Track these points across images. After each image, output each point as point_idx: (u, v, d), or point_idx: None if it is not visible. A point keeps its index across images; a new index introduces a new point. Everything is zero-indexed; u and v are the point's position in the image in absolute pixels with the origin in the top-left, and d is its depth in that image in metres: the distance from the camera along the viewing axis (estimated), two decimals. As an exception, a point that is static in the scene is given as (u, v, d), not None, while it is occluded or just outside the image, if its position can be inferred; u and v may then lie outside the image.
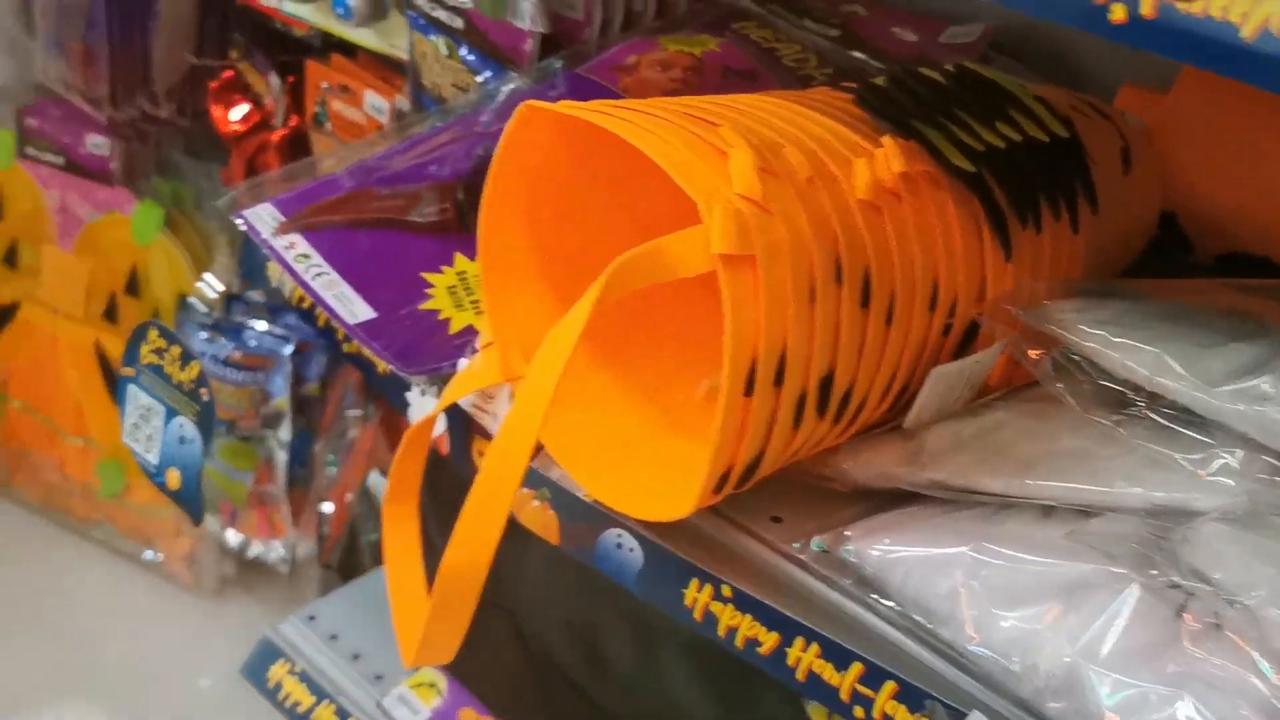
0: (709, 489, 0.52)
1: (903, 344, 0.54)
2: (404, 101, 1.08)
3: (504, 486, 0.49)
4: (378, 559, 1.11)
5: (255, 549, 1.47)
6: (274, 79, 1.23)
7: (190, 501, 0.70)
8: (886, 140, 0.53)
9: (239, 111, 1.29)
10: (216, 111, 1.30)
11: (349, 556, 1.13)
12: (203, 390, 0.67)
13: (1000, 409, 0.57)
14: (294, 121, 1.25)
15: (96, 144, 1.41)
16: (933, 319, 0.55)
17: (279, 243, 0.71)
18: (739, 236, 0.47)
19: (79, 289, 1.47)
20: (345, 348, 0.69)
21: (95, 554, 1.54)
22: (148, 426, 0.71)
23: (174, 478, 0.71)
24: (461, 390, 0.60)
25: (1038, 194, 0.58)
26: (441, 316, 0.68)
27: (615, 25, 0.96)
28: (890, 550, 0.52)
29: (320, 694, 0.86)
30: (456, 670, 0.88)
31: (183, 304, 1.36)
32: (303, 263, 0.70)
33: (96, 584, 1.51)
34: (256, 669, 0.89)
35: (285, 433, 1.35)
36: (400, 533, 0.61)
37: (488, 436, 0.62)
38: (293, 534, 1.42)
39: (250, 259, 0.78)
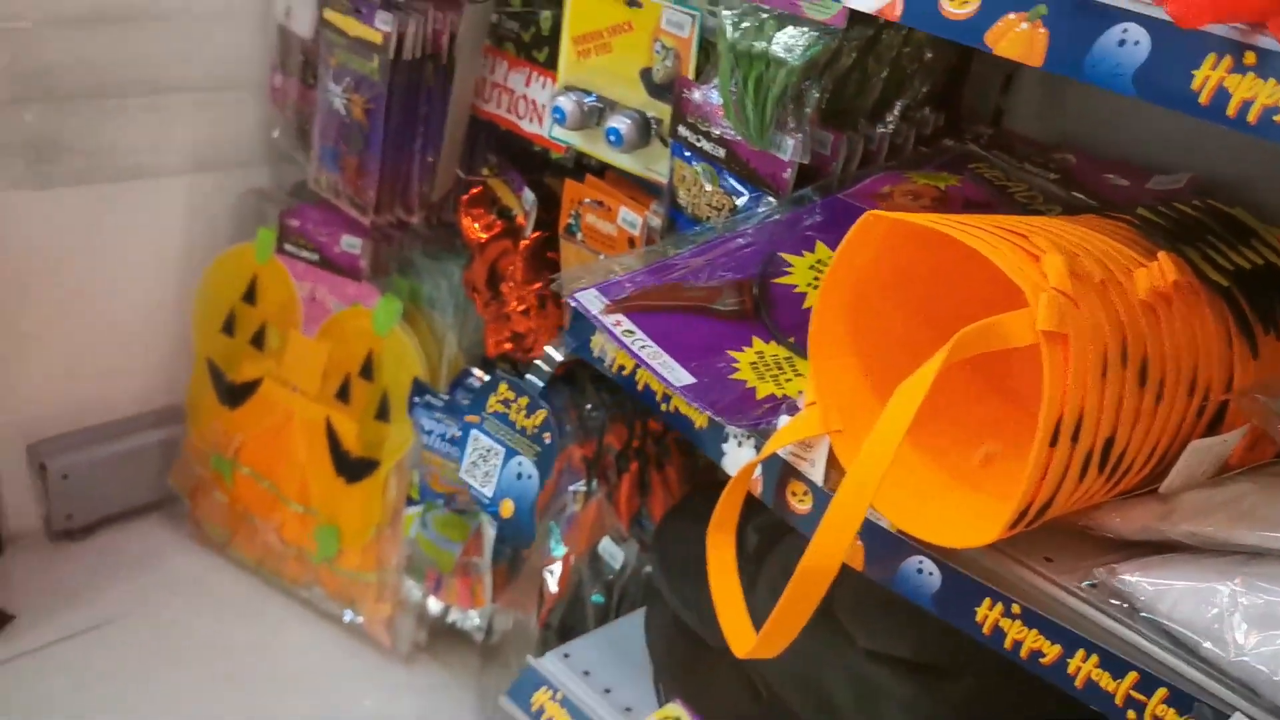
0: (1011, 521, 0.65)
1: (1167, 419, 0.67)
2: (655, 218, 1.25)
3: (859, 505, 0.63)
4: (600, 618, 1.24)
5: (454, 616, 1.60)
6: (527, 194, 1.41)
7: (522, 529, 0.84)
8: (1161, 255, 0.67)
9: (487, 222, 1.48)
10: (466, 221, 1.49)
11: (571, 615, 1.26)
12: (546, 434, 0.82)
13: (1243, 481, 0.69)
14: (536, 234, 1.43)
15: (350, 244, 1.60)
16: (1191, 401, 0.68)
17: (608, 320, 0.86)
18: (1059, 319, 0.61)
19: (317, 371, 1.64)
20: (663, 407, 0.83)
21: (301, 614, 1.67)
22: (486, 465, 0.86)
23: (508, 507, 0.86)
24: (785, 440, 0.74)
25: (1277, 307, 0.71)
26: (748, 385, 0.83)
27: (855, 162, 1.12)
28: (1159, 582, 0.64)
29: (580, 718, 0.99)
30: (699, 708, 0.99)
31: (416, 387, 1.52)
32: (629, 336, 0.85)
33: (300, 641, 1.63)
34: (521, 694, 1.01)
35: (494, 510, 1.49)
36: (721, 554, 0.75)
37: (804, 480, 0.76)
38: (491, 606, 1.55)
39: (577, 333, 0.93)
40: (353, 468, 1.62)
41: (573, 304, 0.88)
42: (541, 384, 0.94)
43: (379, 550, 1.62)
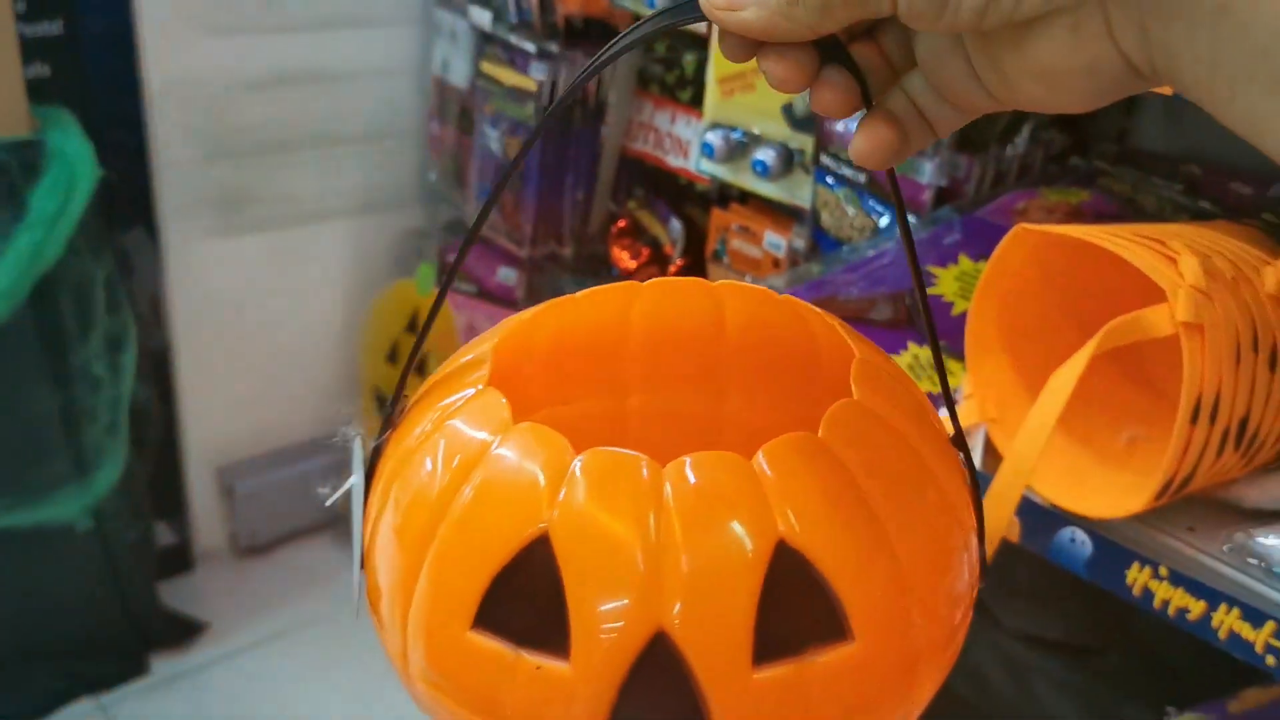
0: (1157, 493, 0.73)
1: (1296, 399, 0.75)
2: (798, 240, 1.35)
3: (1017, 483, 0.73)
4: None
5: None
6: (675, 223, 1.53)
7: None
8: (1286, 254, 0.76)
9: (634, 251, 1.60)
10: (616, 251, 1.62)
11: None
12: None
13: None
14: (682, 260, 1.55)
15: (505, 275, 1.74)
16: (1317, 384, 0.76)
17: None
18: (1195, 311, 0.70)
19: (474, 393, 1.78)
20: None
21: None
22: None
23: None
24: (946, 429, 0.83)
25: (1392, 297, 0.79)
26: (907, 384, 0.92)
27: (987, 182, 1.22)
28: (1294, 543, 0.72)
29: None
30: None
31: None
32: (796, 344, 0.95)
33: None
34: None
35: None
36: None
37: (963, 464, 0.85)
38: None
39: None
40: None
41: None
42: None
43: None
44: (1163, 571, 0.75)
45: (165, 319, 1.68)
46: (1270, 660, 0.71)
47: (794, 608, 0.41)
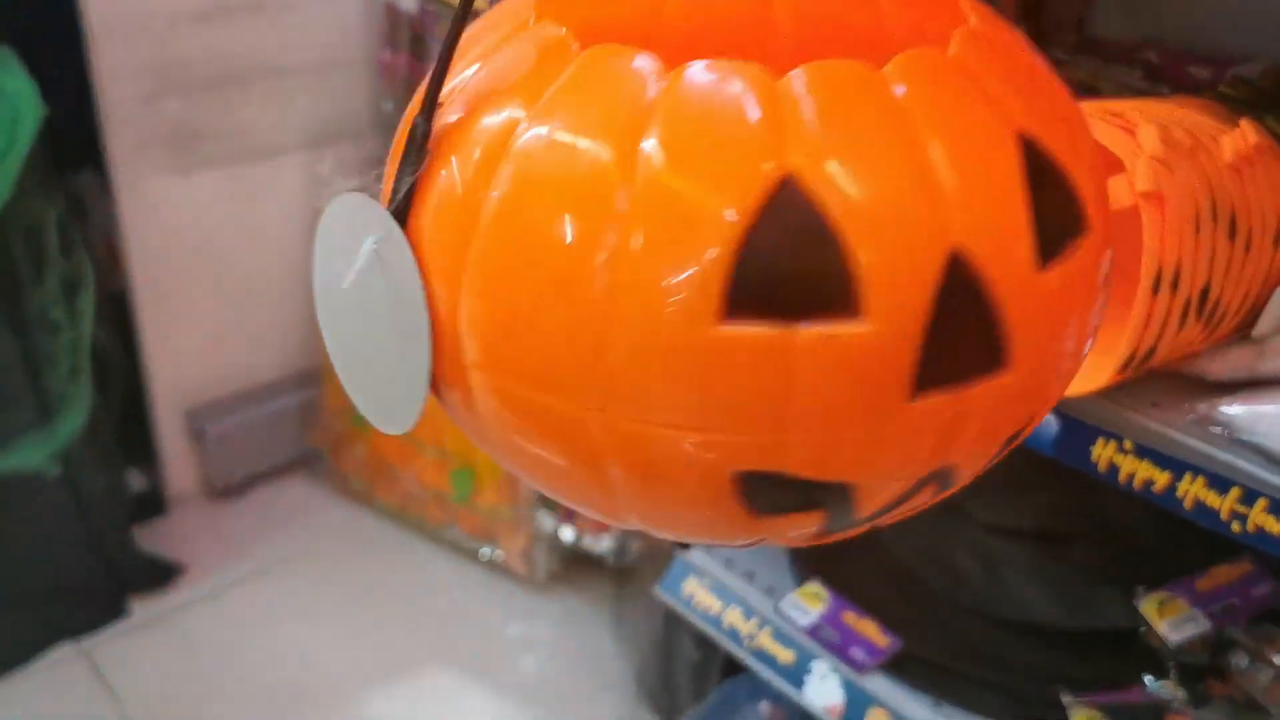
0: (1121, 366, 0.73)
1: (1256, 267, 0.75)
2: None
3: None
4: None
5: (586, 542, 1.71)
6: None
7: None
8: (1244, 122, 0.75)
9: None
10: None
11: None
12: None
13: (1329, 318, 0.77)
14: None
15: None
16: (1276, 252, 0.76)
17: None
18: (1154, 180, 0.70)
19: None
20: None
21: (443, 553, 1.80)
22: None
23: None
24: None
25: (1351, 163, 0.79)
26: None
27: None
28: (1255, 409, 0.72)
29: (728, 600, 1.09)
30: (835, 585, 1.09)
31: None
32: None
33: (443, 578, 1.75)
34: (673, 585, 1.12)
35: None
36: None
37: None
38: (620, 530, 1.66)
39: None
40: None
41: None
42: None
43: (512, 486, 1.73)
44: (1127, 445, 0.75)
45: (122, 262, 1.66)
46: (1235, 526, 0.71)
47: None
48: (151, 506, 1.79)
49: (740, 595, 1.10)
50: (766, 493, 0.42)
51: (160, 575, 1.68)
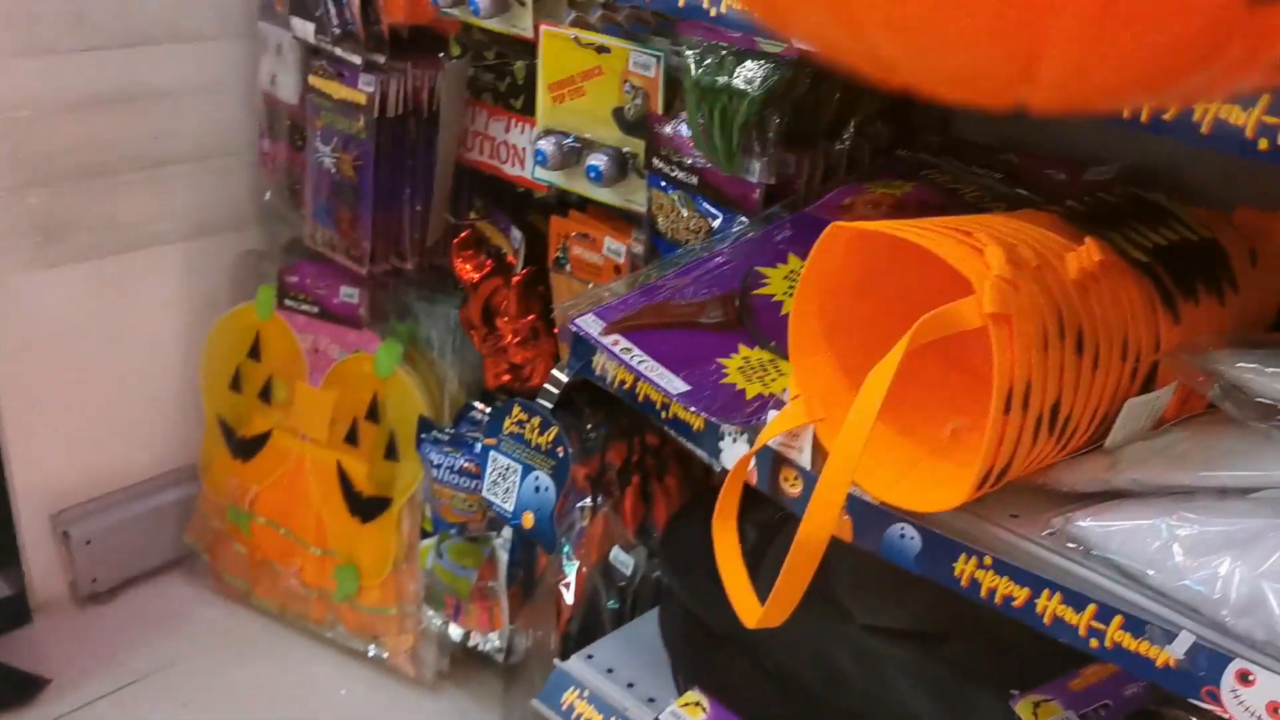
0: (975, 485, 0.74)
1: (1104, 382, 0.77)
2: (637, 245, 1.34)
3: (842, 480, 0.72)
4: (616, 621, 1.32)
5: (475, 640, 1.67)
6: (515, 232, 1.51)
7: (545, 536, 0.92)
8: (1088, 240, 0.77)
9: (477, 261, 1.57)
10: (458, 263, 1.58)
11: (588, 623, 1.34)
12: (559, 449, 0.91)
13: (1177, 431, 0.79)
14: (525, 269, 1.52)
15: (348, 294, 1.68)
16: (1124, 365, 0.78)
17: (607, 340, 0.95)
18: (1001, 302, 0.71)
19: (325, 418, 1.72)
20: (663, 415, 0.93)
21: (327, 653, 1.74)
22: (505, 482, 0.94)
23: (529, 519, 0.94)
24: (774, 431, 0.83)
25: (1194, 278, 0.81)
26: (738, 388, 0.92)
27: (818, 178, 1.22)
28: (1108, 524, 0.73)
29: (607, 712, 1.07)
30: (715, 694, 1.08)
31: (422, 424, 1.60)
32: (627, 353, 0.94)
33: (328, 679, 1.70)
34: (551, 696, 1.10)
35: (507, 532, 1.57)
36: (726, 540, 0.84)
37: (794, 466, 0.85)
38: (509, 627, 1.62)
39: (579, 355, 1.02)
40: (366, 507, 1.69)
41: (574, 329, 0.97)
42: (551, 405, 1.03)
43: (397, 584, 1.69)
44: (987, 561, 0.76)
45: (-15, 358, 1.59)
46: (1093, 643, 0.72)
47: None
48: (14, 615, 1.71)
49: (620, 707, 1.07)
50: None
51: (22, 690, 1.59)
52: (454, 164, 1.54)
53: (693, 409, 0.88)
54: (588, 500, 1.46)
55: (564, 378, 1.03)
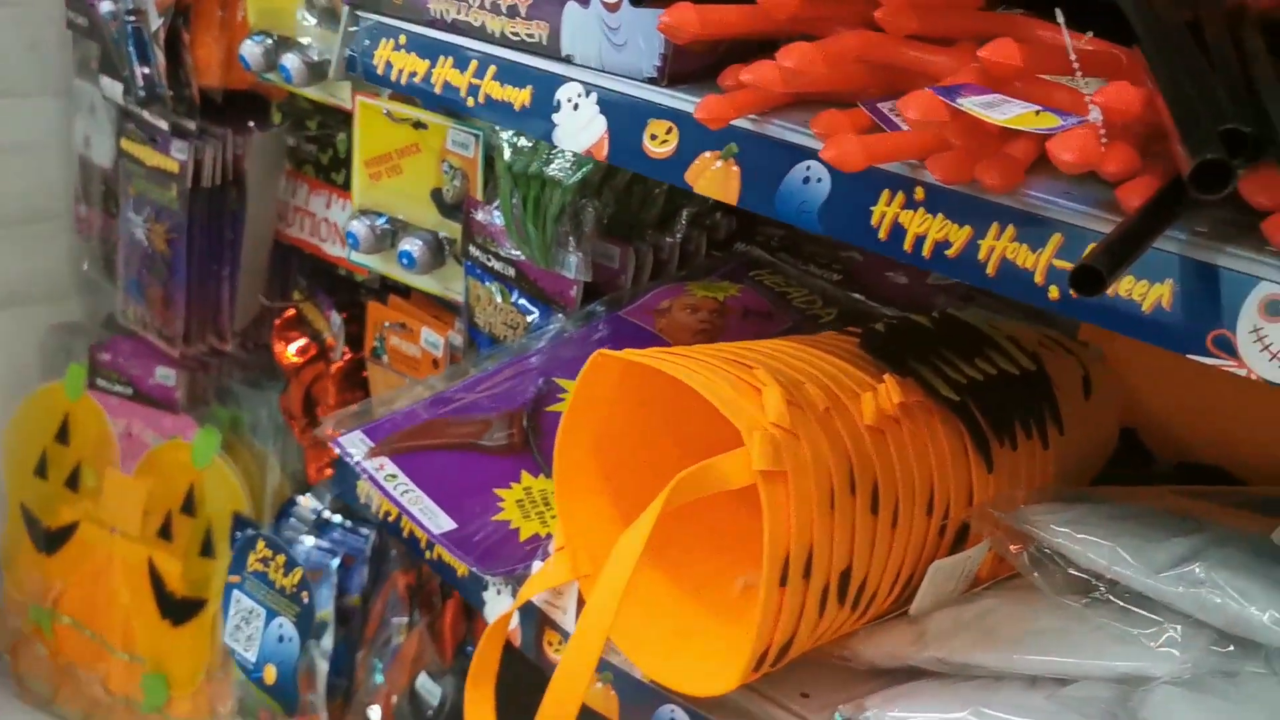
0: (749, 667, 0.62)
1: (906, 543, 0.66)
2: (457, 337, 1.22)
3: (587, 661, 0.60)
4: (424, 757, 1.18)
5: (292, 755, 1.53)
6: (335, 317, 1.38)
7: (285, 694, 0.79)
8: (887, 378, 0.67)
9: (299, 345, 1.44)
10: (279, 346, 1.45)
11: (395, 755, 1.20)
12: (304, 594, 0.78)
13: (990, 596, 0.68)
14: (348, 355, 1.40)
15: (164, 375, 1.55)
16: (930, 522, 0.67)
17: (370, 464, 0.83)
18: (774, 457, 0.60)
19: (137, 509, 1.57)
20: (428, 554, 0.80)
21: (134, 765, 1.59)
22: (248, 628, 0.81)
23: (271, 673, 0.81)
24: (537, 587, 0.71)
25: (1013, 419, 0.71)
26: (512, 526, 0.80)
27: (646, 272, 1.11)
28: (901, 716, 0.62)
29: None
30: None
31: (237, 521, 1.47)
32: (391, 481, 0.82)
33: (134, 795, 1.55)
34: None
35: (328, 642, 1.43)
36: (479, 709, 0.71)
37: (558, 629, 0.73)
38: (330, 742, 1.48)
39: (342, 479, 0.90)
40: (178, 609, 1.55)
41: (336, 449, 0.85)
42: (300, 536, 0.91)
43: (210, 695, 1.54)
44: (768, 753, 0.64)
45: None
46: None
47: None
48: None
49: None
50: None
51: None
52: (271, 240, 1.41)
53: (455, 553, 0.76)
54: (404, 616, 1.33)
55: (319, 505, 0.90)
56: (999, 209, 0.52)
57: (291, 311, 1.46)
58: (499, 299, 1.13)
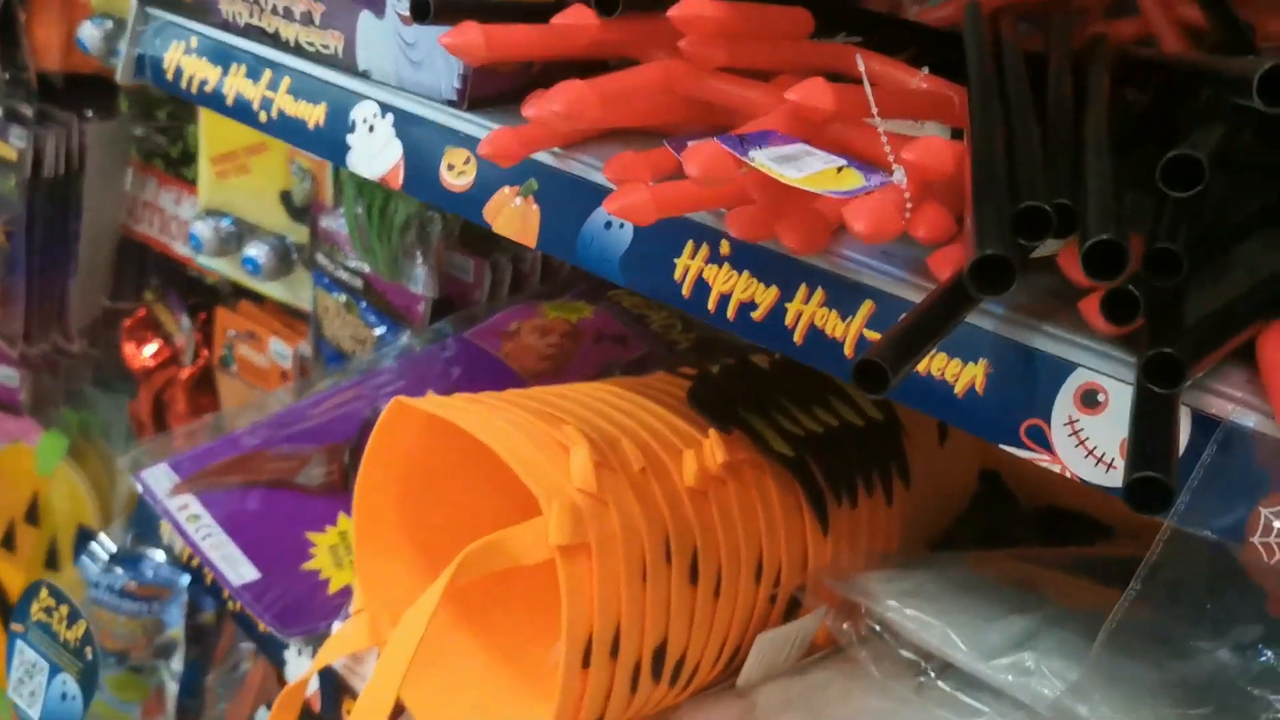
0: (552, 753, 0.57)
1: (731, 614, 0.61)
2: (307, 348, 1.15)
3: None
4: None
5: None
6: (185, 320, 1.30)
7: (70, 759, 0.72)
8: (711, 434, 0.61)
9: (150, 349, 1.35)
10: (129, 348, 1.36)
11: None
12: (88, 649, 0.71)
13: (823, 669, 0.63)
14: (202, 359, 1.31)
15: (6, 375, 1.44)
16: (759, 590, 0.62)
17: (173, 503, 0.76)
18: (574, 528, 0.54)
19: (-25, 517, 1.48)
20: (230, 605, 0.73)
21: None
22: (32, 682, 0.74)
23: (56, 733, 0.74)
24: (333, 654, 0.65)
25: (854, 474, 0.66)
26: (322, 576, 0.73)
27: (504, 286, 1.05)
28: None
29: None
30: None
31: (81, 535, 1.38)
32: (193, 524, 0.75)
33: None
34: None
35: (177, 663, 1.35)
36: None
37: (357, 696, 0.67)
38: (182, 767, 1.40)
39: (143, 517, 0.82)
40: (22, 625, 1.46)
41: (138, 486, 0.77)
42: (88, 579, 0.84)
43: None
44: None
45: None
46: None
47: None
48: None
49: None
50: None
51: None
52: (115, 236, 1.32)
53: (253, 609, 0.69)
54: (252, 643, 1.26)
55: (112, 546, 0.83)
56: (808, 270, 0.47)
57: (143, 312, 1.37)
58: (347, 311, 1.06)
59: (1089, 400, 0.41)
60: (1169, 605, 0.41)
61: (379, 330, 1.04)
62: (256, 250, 1.11)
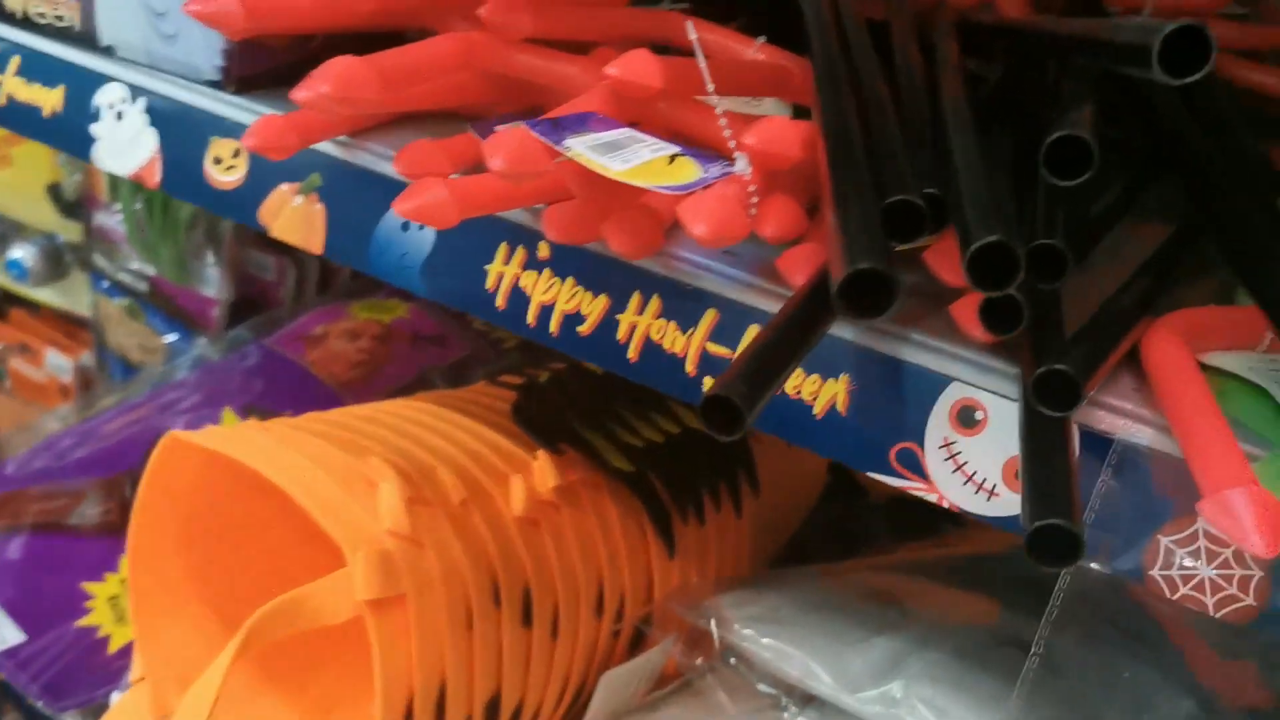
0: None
1: (571, 654, 0.54)
2: (90, 360, 1.03)
3: None
4: None
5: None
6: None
7: None
8: (540, 455, 0.54)
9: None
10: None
11: None
12: None
13: (675, 704, 0.58)
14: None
15: None
16: (601, 623, 0.56)
17: (-82, 558, 0.65)
18: (384, 579, 0.46)
19: None
20: (-7, 674, 0.63)
21: None
22: None
23: None
24: (113, 729, 0.55)
25: (700, 487, 0.60)
26: (101, 634, 0.64)
27: (311, 284, 0.95)
28: None
29: None
30: None
31: None
32: (-57, 580, 0.64)
33: None
34: None
35: None
36: None
37: (145, 776, 0.58)
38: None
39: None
40: None
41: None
42: None
43: None
44: None
45: None
46: None
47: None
48: None
49: None
50: None
51: None
52: None
53: (20, 678, 0.59)
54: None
55: None
56: (641, 275, 0.40)
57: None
58: (131, 318, 0.95)
59: (966, 419, 0.35)
60: (1077, 662, 0.36)
61: (170, 338, 0.93)
62: (23, 252, 0.99)
